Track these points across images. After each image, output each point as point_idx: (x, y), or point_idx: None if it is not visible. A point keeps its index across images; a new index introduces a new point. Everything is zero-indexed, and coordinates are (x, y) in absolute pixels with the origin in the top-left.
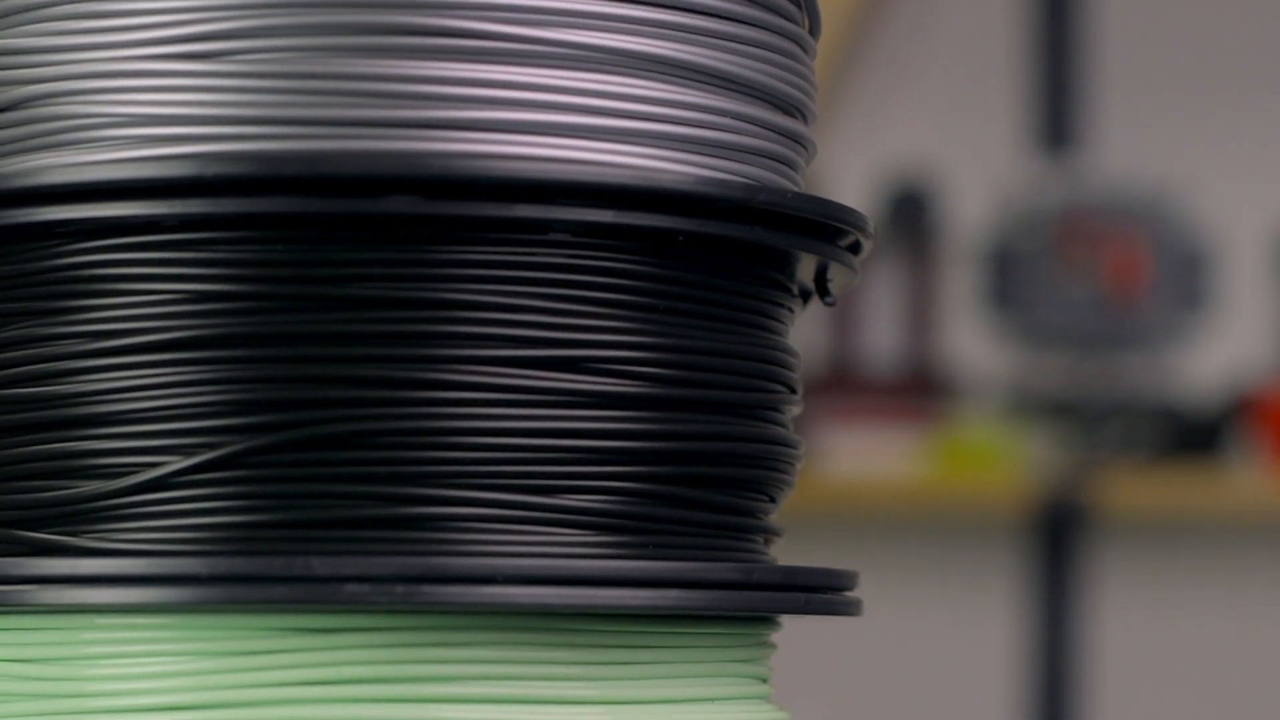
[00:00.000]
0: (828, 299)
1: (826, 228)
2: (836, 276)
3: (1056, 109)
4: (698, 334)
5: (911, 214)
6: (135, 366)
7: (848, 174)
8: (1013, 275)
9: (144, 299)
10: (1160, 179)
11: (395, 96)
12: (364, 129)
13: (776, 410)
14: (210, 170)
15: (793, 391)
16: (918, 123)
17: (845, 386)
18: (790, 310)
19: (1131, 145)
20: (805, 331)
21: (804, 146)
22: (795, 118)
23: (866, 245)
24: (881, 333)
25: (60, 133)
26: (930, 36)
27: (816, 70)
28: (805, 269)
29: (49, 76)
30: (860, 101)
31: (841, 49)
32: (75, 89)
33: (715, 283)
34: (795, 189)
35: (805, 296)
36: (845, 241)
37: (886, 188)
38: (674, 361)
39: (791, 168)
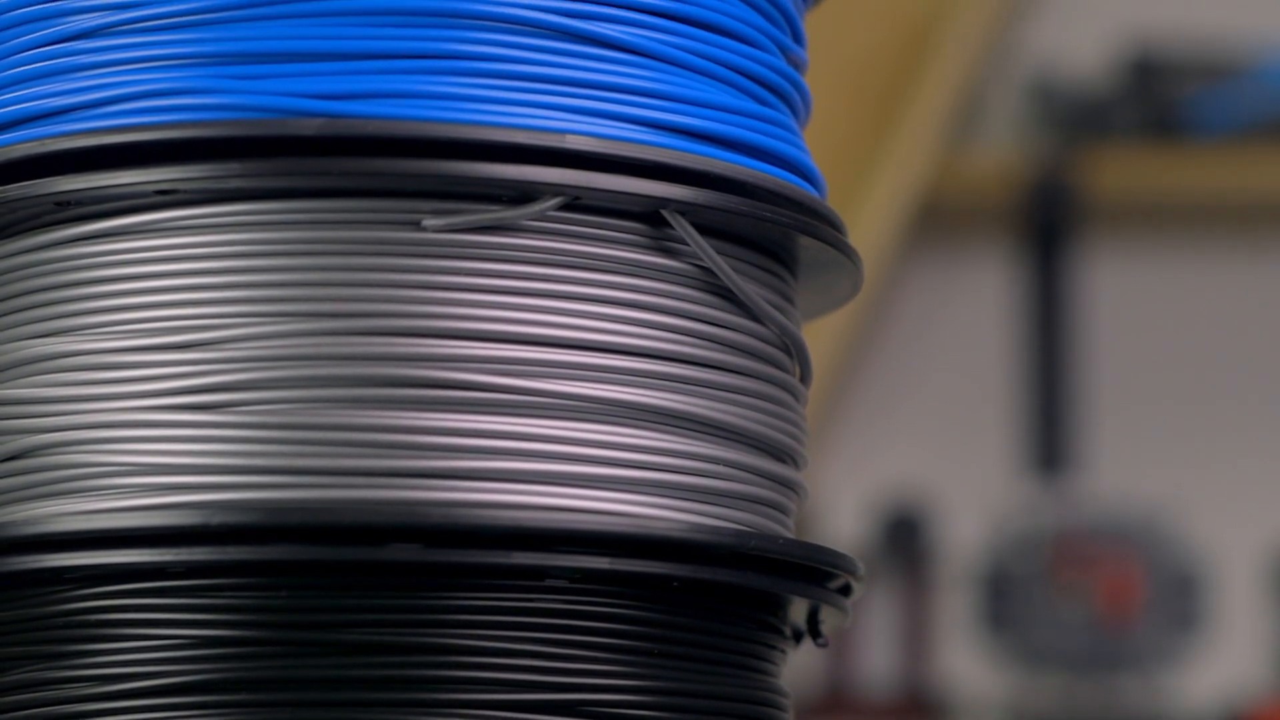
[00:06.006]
0: (819, 640)
1: (817, 571)
2: (828, 618)
3: (1048, 432)
4: (691, 677)
5: (906, 537)
6: (141, 710)
7: (843, 497)
8: (1007, 598)
9: (149, 644)
10: (1153, 501)
11: (395, 447)
12: (365, 478)
13: None
14: (215, 519)
15: None
16: (911, 446)
17: (842, 708)
18: (782, 651)
19: (1124, 468)
20: (802, 653)
21: (795, 491)
22: (787, 464)
23: (857, 588)
24: (877, 654)
25: (68, 480)
26: (922, 361)
27: (809, 394)
28: (797, 610)
29: (56, 426)
30: (854, 425)
31: (835, 374)
32: (82, 439)
33: (709, 626)
34: (786, 534)
35: (798, 636)
36: (835, 584)
37: (881, 511)
38: (668, 705)
39: (783, 512)
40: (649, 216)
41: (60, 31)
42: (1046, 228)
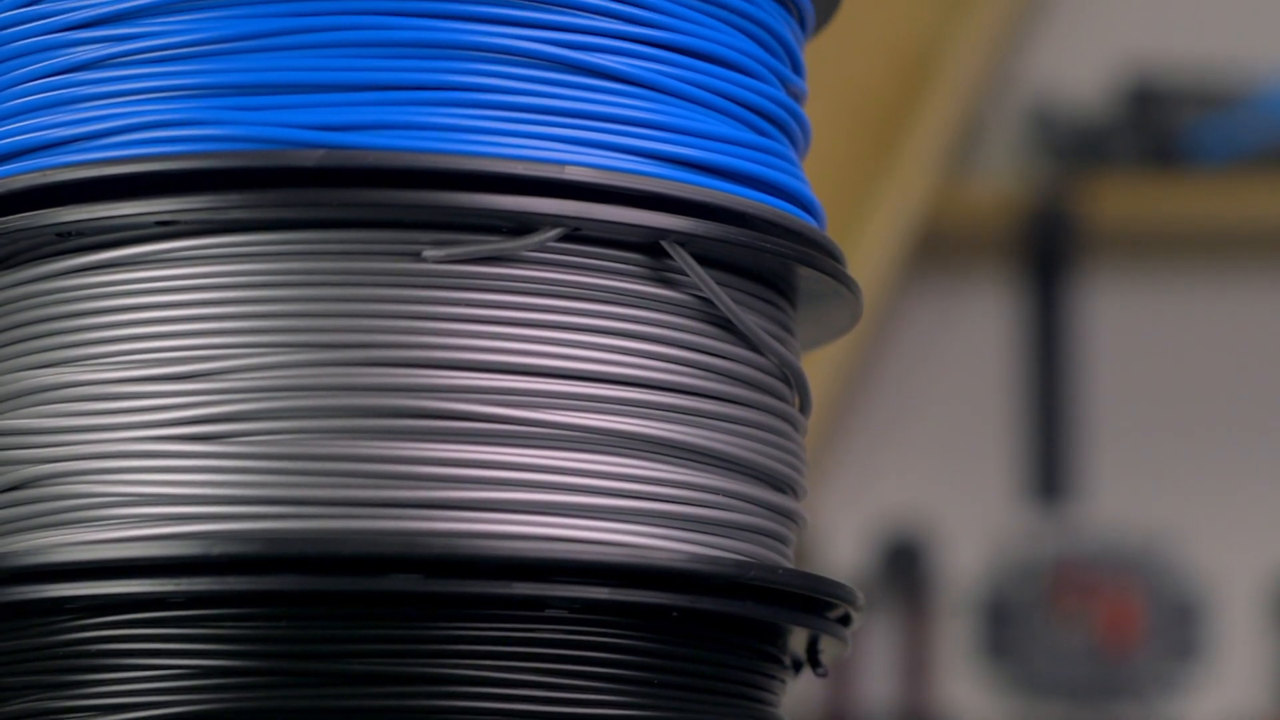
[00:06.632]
0: (819, 670)
1: (817, 601)
2: (827, 647)
3: (1048, 460)
4: (691, 707)
5: (905, 565)
6: None
7: (842, 526)
8: (1007, 626)
9: (150, 674)
10: (1153, 529)
11: (395, 477)
12: (365, 509)
13: None
14: (216, 549)
15: None
16: (911, 474)
17: None
18: (782, 681)
19: (1124, 496)
20: (802, 682)
21: (794, 521)
22: (786, 494)
23: (857, 618)
24: (877, 682)
25: (69, 511)
26: (922, 390)
27: (809, 424)
28: (797, 640)
29: (58, 456)
30: (853, 453)
31: (834, 403)
32: (84, 469)
33: (708, 656)
34: (786, 564)
35: (797, 666)
36: (835, 614)
37: (881, 539)
38: None
39: (782, 542)
40: (648, 247)
41: (62, 63)
42: (1046, 256)
